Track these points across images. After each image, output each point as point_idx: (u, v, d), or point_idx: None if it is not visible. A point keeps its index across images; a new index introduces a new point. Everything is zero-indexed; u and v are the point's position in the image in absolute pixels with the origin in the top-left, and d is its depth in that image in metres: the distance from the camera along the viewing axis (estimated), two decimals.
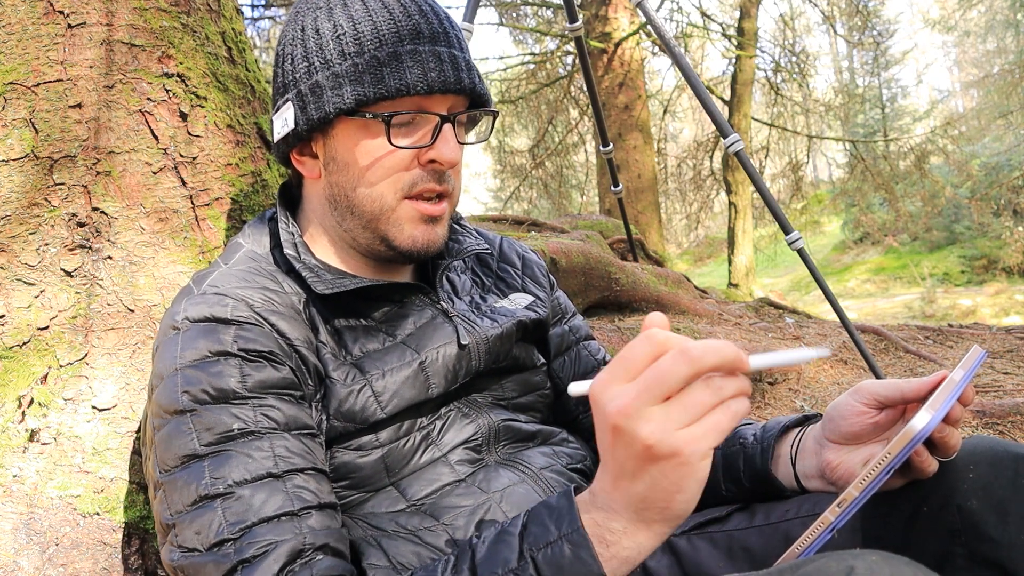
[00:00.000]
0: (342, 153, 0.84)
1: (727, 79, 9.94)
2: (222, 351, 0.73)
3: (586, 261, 2.68)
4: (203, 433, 0.69)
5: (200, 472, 0.68)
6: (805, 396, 2.40)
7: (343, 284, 0.84)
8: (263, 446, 0.69)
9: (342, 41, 0.82)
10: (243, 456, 0.68)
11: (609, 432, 0.54)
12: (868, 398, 0.76)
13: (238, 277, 0.82)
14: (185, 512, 0.67)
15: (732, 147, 2.07)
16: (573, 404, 1.05)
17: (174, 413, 0.71)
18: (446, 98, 0.84)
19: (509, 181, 10.95)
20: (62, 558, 0.92)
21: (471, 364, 0.90)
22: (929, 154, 9.79)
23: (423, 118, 0.83)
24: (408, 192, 0.84)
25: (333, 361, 0.82)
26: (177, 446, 0.70)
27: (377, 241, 0.86)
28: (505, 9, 8.92)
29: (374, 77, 0.80)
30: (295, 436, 0.72)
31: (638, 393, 0.52)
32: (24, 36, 1.03)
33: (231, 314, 0.75)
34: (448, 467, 0.85)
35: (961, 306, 12.38)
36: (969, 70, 29.39)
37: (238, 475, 0.67)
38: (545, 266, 1.12)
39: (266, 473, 0.68)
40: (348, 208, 0.86)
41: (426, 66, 0.81)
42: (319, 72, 0.82)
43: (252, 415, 0.71)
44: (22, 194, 1.01)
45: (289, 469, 0.69)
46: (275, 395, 0.73)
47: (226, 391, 0.71)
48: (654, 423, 0.51)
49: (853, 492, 0.65)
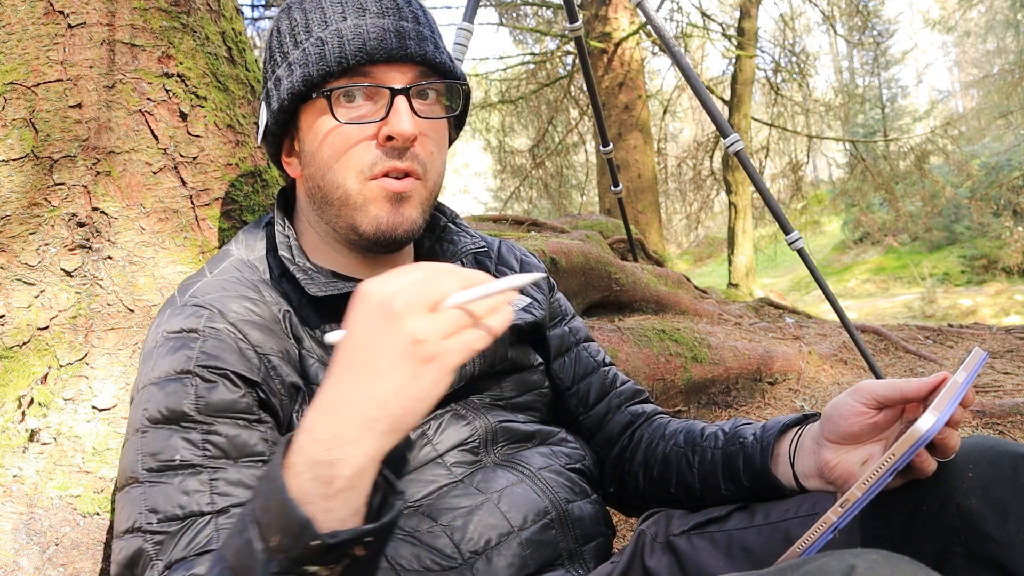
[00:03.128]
0: (308, 143, 0.85)
1: (727, 79, 9.94)
2: (184, 370, 0.74)
3: (586, 261, 2.68)
4: (147, 458, 0.71)
5: (136, 501, 0.70)
6: (805, 396, 2.40)
7: (336, 287, 0.83)
8: (202, 480, 0.70)
9: (295, 32, 0.84)
10: (178, 492, 0.69)
11: (382, 319, 0.54)
12: (867, 398, 0.75)
13: (220, 286, 0.82)
14: (120, 537, 0.71)
15: (732, 147, 2.07)
16: (574, 405, 1.05)
17: (134, 431, 0.74)
18: (399, 71, 0.81)
19: (509, 181, 10.95)
20: (62, 558, 0.92)
21: (464, 370, 0.89)
22: (929, 154, 9.79)
23: (375, 93, 0.82)
24: (370, 174, 0.82)
25: (323, 369, 0.81)
26: (126, 465, 0.73)
27: (348, 229, 0.85)
28: (505, 9, 8.92)
29: (317, 55, 0.81)
30: (240, 466, 0.72)
31: (416, 293, 0.54)
32: (24, 36, 1.04)
33: (203, 325, 0.76)
34: (444, 468, 0.85)
35: (961, 306, 12.37)
36: (969, 70, 29.38)
37: (170, 511, 0.69)
38: (544, 269, 1.11)
39: (199, 511, 0.69)
40: (323, 199, 0.85)
41: (366, 36, 0.80)
42: (280, 66, 0.85)
43: (199, 441, 0.71)
44: (22, 194, 1.01)
45: (225, 506, 0.70)
46: (227, 419, 0.73)
47: (178, 412, 0.72)
48: (426, 323, 0.53)
49: (856, 493, 0.65)
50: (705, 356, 2.27)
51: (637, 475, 1.01)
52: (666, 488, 0.96)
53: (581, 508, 0.88)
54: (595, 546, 0.88)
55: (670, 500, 0.96)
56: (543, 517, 0.83)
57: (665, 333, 2.28)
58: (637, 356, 2.12)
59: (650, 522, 0.93)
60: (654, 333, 2.25)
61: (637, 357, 2.11)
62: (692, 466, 0.93)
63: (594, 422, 1.05)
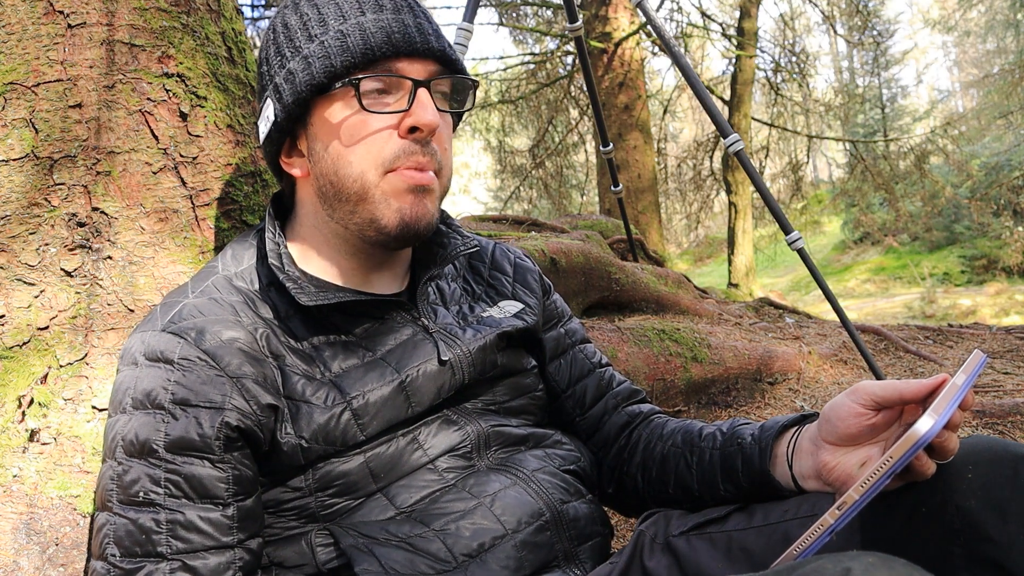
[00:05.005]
0: (322, 138, 0.84)
1: (727, 79, 9.94)
2: (156, 403, 0.75)
3: (586, 261, 2.68)
4: (118, 489, 0.74)
5: (106, 529, 0.74)
6: (805, 396, 2.40)
7: (326, 297, 0.83)
8: (159, 520, 0.73)
9: (309, 27, 0.84)
10: (138, 530, 0.73)
11: None
12: (865, 399, 0.75)
13: (197, 310, 0.81)
14: (94, 558, 0.75)
15: (732, 147, 2.07)
16: (570, 407, 1.05)
17: (111, 455, 0.76)
18: (419, 64, 0.83)
19: (509, 181, 10.94)
20: (62, 558, 0.92)
21: (455, 379, 0.89)
22: (929, 154, 9.78)
23: (397, 86, 0.83)
24: (391, 167, 0.82)
25: (309, 383, 0.81)
26: (102, 487, 0.76)
27: (366, 226, 0.84)
28: (505, 9, 8.91)
29: (340, 46, 0.81)
30: (198, 508, 0.74)
31: None
32: (24, 36, 1.04)
33: (178, 356, 0.77)
34: (436, 474, 0.85)
35: (961, 306, 12.37)
36: (969, 70, 29.37)
37: (129, 547, 0.72)
38: (539, 272, 1.10)
39: (154, 552, 0.72)
40: (336, 195, 0.85)
41: (390, 30, 0.81)
42: (291, 60, 0.84)
43: (162, 479, 0.74)
44: (22, 194, 1.01)
45: (178, 551, 0.72)
46: (193, 458, 0.74)
47: (147, 448, 0.74)
48: None
49: (854, 495, 0.65)
50: (705, 356, 2.27)
51: (635, 476, 1.00)
52: (664, 488, 0.96)
53: (576, 509, 0.88)
54: (591, 546, 0.88)
55: (668, 500, 0.96)
56: (537, 519, 0.83)
57: (665, 333, 2.28)
58: (637, 356, 2.12)
59: (649, 523, 0.93)
60: (654, 333, 2.25)
61: (637, 357, 2.11)
62: (690, 466, 0.93)
63: (591, 423, 1.05)
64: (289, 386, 0.80)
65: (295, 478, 0.80)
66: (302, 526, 0.81)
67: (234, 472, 0.76)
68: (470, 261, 1.06)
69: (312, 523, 0.81)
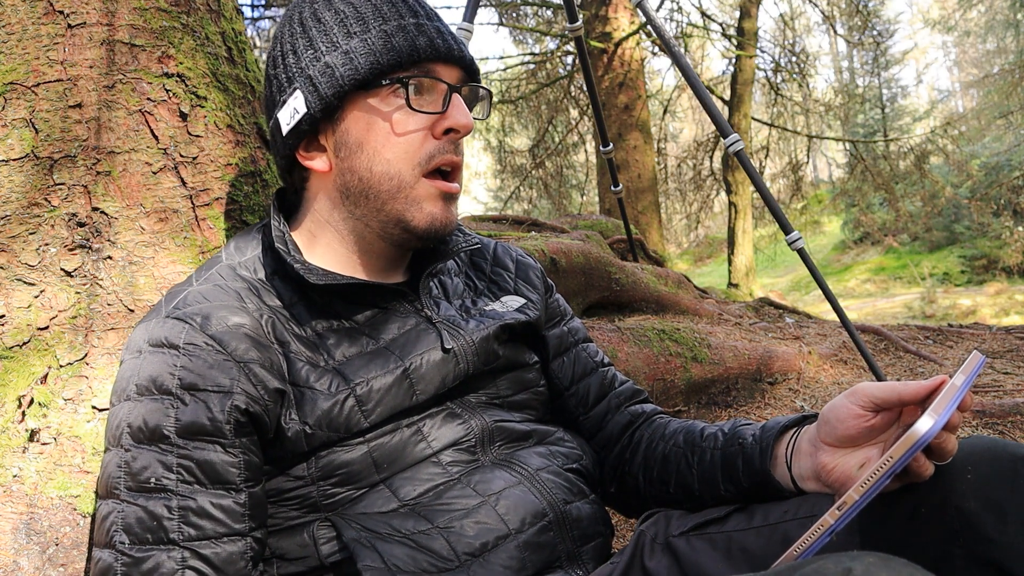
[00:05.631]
0: (355, 134, 0.86)
1: (727, 79, 9.94)
2: (164, 389, 0.75)
3: (586, 261, 2.68)
4: (127, 476, 0.73)
5: (114, 516, 0.73)
6: (805, 396, 2.40)
7: (334, 278, 0.85)
8: (172, 507, 0.72)
9: (347, 23, 0.85)
10: (149, 517, 0.72)
11: None
12: (864, 400, 0.75)
13: (203, 296, 0.82)
14: (99, 547, 0.74)
15: (732, 147, 2.07)
16: (573, 405, 1.05)
17: (117, 443, 0.76)
18: (452, 70, 0.87)
19: (509, 181, 10.94)
20: (62, 558, 0.92)
21: (459, 368, 0.89)
22: (929, 154, 9.78)
23: (433, 87, 0.86)
24: (426, 166, 0.85)
25: (313, 371, 0.82)
26: (108, 475, 0.75)
27: (392, 224, 0.87)
28: (505, 9, 8.91)
29: (385, 45, 0.83)
30: (210, 494, 0.74)
31: None
32: (24, 36, 1.04)
33: (184, 341, 0.76)
34: (440, 467, 0.85)
35: (961, 306, 12.37)
36: (969, 70, 29.38)
37: (140, 534, 0.72)
38: (541, 269, 1.11)
39: (166, 538, 0.71)
40: (363, 193, 0.86)
41: (430, 35, 0.85)
42: (327, 54, 0.85)
43: (174, 465, 0.73)
44: (22, 194, 1.01)
45: (190, 538, 0.72)
46: (203, 443, 0.74)
47: (157, 433, 0.74)
48: None
49: (853, 496, 0.65)
50: (705, 356, 2.27)
51: (637, 475, 1.01)
52: (665, 488, 0.96)
53: (579, 509, 0.88)
54: (594, 546, 0.88)
55: (669, 500, 0.96)
56: (541, 519, 0.83)
57: (665, 333, 2.28)
58: (637, 356, 2.12)
59: (649, 523, 0.93)
60: (654, 333, 2.25)
61: (637, 357, 2.11)
62: (691, 466, 0.93)
63: (594, 423, 1.05)
64: (294, 373, 0.81)
65: (297, 466, 0.80)
66: (303, 516, 0.81)
67: (245, 457, 0.76)
68: (472, 258, 1.07)
69: (313, 513, 0.81)
